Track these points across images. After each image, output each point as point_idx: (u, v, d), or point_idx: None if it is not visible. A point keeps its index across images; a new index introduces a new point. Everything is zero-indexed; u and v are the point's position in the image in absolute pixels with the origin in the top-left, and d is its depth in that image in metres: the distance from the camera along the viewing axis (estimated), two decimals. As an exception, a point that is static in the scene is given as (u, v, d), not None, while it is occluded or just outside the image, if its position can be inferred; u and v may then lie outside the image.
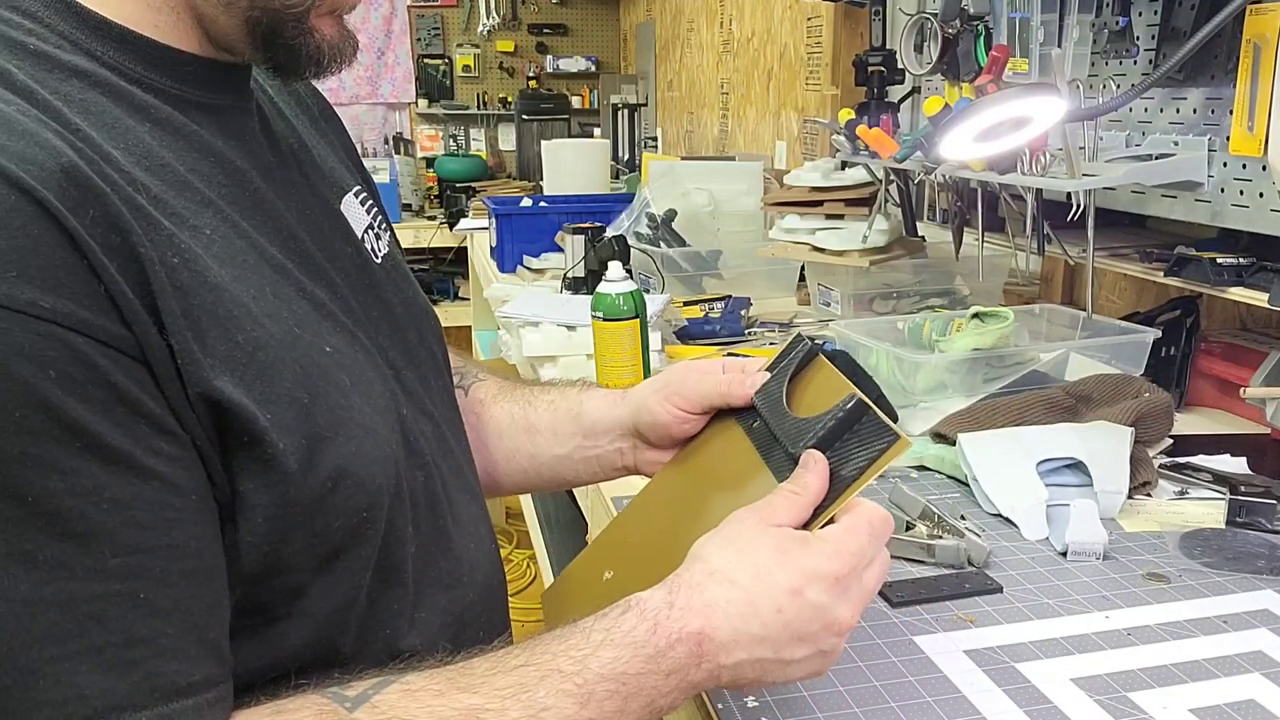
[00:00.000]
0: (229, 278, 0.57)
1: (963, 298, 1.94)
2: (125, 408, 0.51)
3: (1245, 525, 1.05)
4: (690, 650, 0.60)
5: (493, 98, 6.54)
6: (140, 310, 0.52)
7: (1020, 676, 0.80)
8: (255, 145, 0.67)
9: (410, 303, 0.79)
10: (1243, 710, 0.75)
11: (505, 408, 0.94)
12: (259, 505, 0.57)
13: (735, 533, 0.65)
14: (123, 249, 0.51)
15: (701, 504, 0.81)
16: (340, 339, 0.65)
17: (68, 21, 0.58)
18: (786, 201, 2.09)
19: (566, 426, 0.91)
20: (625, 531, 0.87)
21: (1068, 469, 1.12)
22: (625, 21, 6.50)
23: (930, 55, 1.51)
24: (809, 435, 0.70)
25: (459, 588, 0.72)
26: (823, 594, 0.61)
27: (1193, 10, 1.31)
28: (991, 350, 1.38)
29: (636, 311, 1.47)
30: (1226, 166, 1.29)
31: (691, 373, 0.84)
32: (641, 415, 0.86)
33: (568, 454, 0.91)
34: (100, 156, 0.54)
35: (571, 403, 0.92)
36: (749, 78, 3.79)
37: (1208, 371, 1.44)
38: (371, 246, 0.76)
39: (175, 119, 0.61)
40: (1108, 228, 1.61)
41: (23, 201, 0.48)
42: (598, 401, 0.91)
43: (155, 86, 0.61)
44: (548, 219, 2.73)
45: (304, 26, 0.63)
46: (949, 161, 1.51)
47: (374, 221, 0.78)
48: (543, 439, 0.91)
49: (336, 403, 0.61)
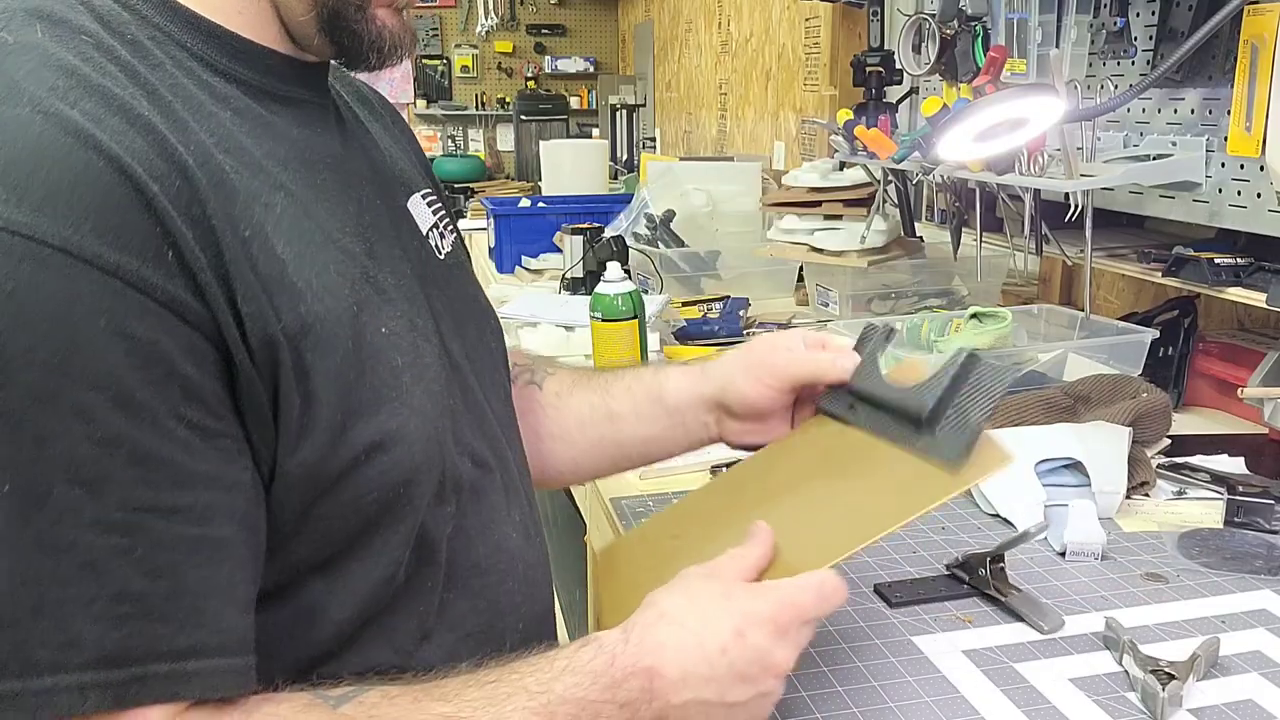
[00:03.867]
0: (293, 254, 0.60)
1: (961, 298, 1.94)
2: (163, 368, 0.53)
3: (1243, 525, 1.05)
4: (643, 685, 0.62)
5: (491, 98, 6.54)
6: (211, 278, 0.55)
7: (1019, 676, 0.80)
8: (329, 139, 0.71)
9: (471, 300, 0.82)
10: (1241, 710, 0.75)
11: (584, 397, 0.96)
12: (289, 469, 0.59)
13: (685, 584, 0.68)
14: (200, 221, 0.55)
15: (804, 479, 0.80)
16: (400, 324, 0.67)
17: (162, 14, 0.62)
18: (785, 202, 2.09)
19: (649, 409, 0.92)
20: (703, 503, 0.88)
21: (1066, 469, 1.12)
22: (624, 22, 6.51)
23: (928, 56, 1.51)
24: (929, 396, 0.71)
25: (495, 574, 0.74)
26: (763, 637, 0.64)
27: (1190, 11, 1.31)
28: (990, 350, 1.38)
29: (635, 312, 1.47)
30: (1224, 167, 1.29)
31: (778, 351, 0.85)
32: (729, 392, 0.87)
33: (656, 435, 0.92)
34: (187, 132, 0.57)
35: (649, 385, 0.93)
36: (747, 78, 3.79)
37: (1206, 372, 1.44)
38: (435, 244, 0.79)
39: (254, 109, 0.64)
40: (1106, 228, 1.61)
41: (110, 168, 0.52)
42: (678, 380, 0.92)
43: (238, 78, 0.64)
44: (546, 220, 2.74)
45: (365, 14, 0.67)
46: (947, 162, 1.51)
47: (439, 221, 0.82)
48: (627, 424, 0.93)
49: (384, 381, 0.64)
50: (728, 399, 0.87)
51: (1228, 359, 1.42)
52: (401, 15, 0.70)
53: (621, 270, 1.50)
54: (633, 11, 6.12)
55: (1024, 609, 0.88)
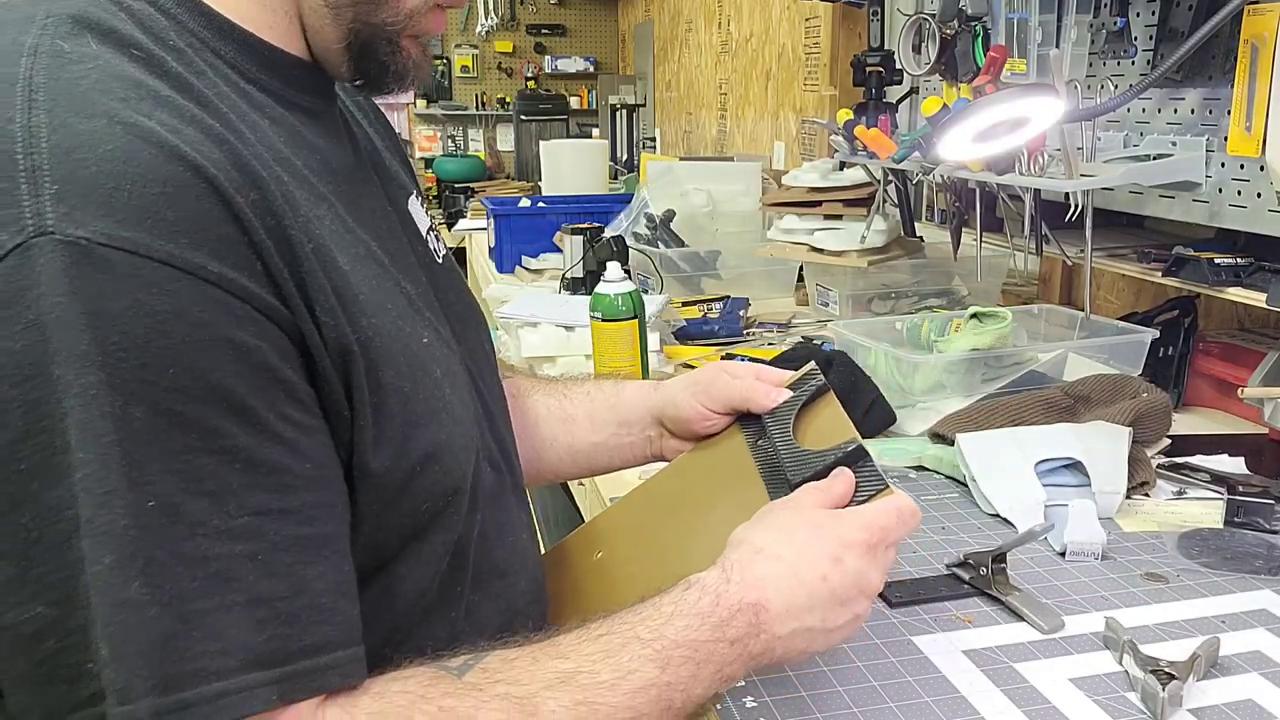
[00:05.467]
0: (350, 267, 0.61)
1: (961, 298, 1.94)
2: (268, 374, 0.54)
3: (1243, 525, 1.05)
4: (749, 620, 0.64)
5: (491, 98, 6.54)
6: (293, 289, 0.56)
7: (1019, 676, 0.80)
8: (343, 148, 0.72)
9: (468, 303, 0.83)
10: (1241, 710, 0.75)
11: (541, 399, 0.98)
12: (361, 479, 0.61)
13: (772, 518, 0.70)
14: (277, 230, 0.56)
15: (697, 505, 0.84)
16: (430, 333, 0.68)
17: (197, 20, 0.62)
18: (785, 202, 2.09)
19: (603, 415, 0.95)
20: (622, 518, 0.91)
21: (1066, 469, 1.12)
22: (624, 22, 6.51)
23: (928, 56, 1.51)
24: (808, 468, 0.75)
25: (512, 575, 0.76)
26: (858, 559, 0.67)
27: (1190, 11, 1.31)
28: (990, 350, 1.39)
29: (635, 312, 1.47)
30: (1224, 167, 1.29)
31: (721, 374, 0.87)
32: (668, 408, 0.90)
33: (603, 441, 0.95)
34: (247, 143, 0.58)
35: (608, 394, 0.96)
36: (747, 78, 3.79)
37: (1206, 371, 1.44)
38: (434, 247, 0.80)
39: (287, 119, 0.65)
40: (1106, 228, 1.61)
41: (196, 179, 0.52)
42: (633, 392, 0.95)
43: (268, 87, 0.65)
44: (546, 219, 2.74)
45: (395, 44, 0.68)
46: (947, 162, 1.51)
47: (433, 224, 0.83)
48: (579, 428, 0.96)
49: (431, 393, 0.65)
50: (667, 415, 0.91)
51: (1228, 359, 1.42)
52: (425, 46, 0.71)
53: (621, 270, 1.50)
54: (633, 11, 6.12)
55: (1024, 609, 0.88)
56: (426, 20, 0.69)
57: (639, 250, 2.25)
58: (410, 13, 0.67)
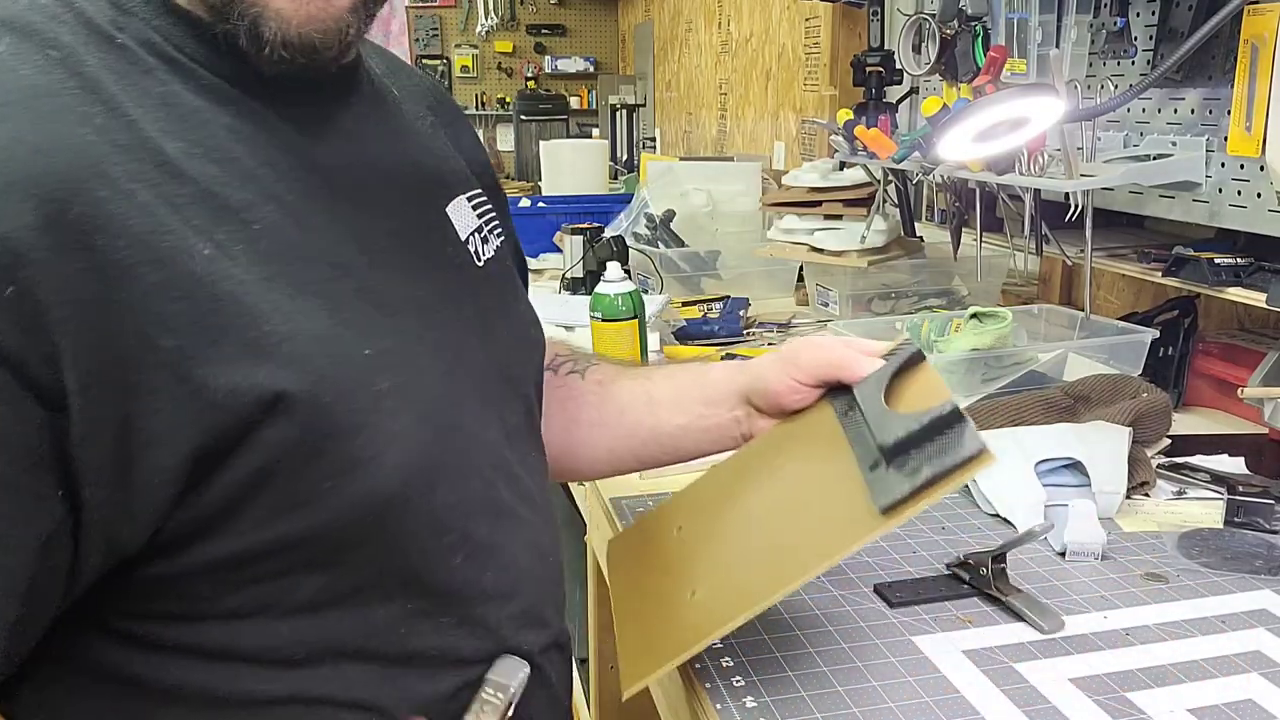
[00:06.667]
0: (262, 274, 0.57)
1: (961, 298, 1.94)
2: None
3: (1243, 525, 1.05)
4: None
5: (491, 98, 6.54)
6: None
7: (1019, 677, 0.80)
8: (343, 143, 0.67)
9: (507, 308, 0.79)
10: (1241, 710, 0.75)
11: (626, 385, 0.95)
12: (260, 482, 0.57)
13: None
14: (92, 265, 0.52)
15: (781, 477, 0.82)
16: (395, 340, 0.64)
17: (162, 17, 0.59)
18: (785, 202, 2.09)
19: (689, 395, 0.92)
20: (704, 492, 0.89)
21: (1066, 469, 1.12)
22: (624, 22, 6.51)
23: (928, 56, 1.51)
24: (901, 429, 0.72)
25: (512, 600, 0.71)
26: None
27: (1190, 11, 1.31)
28: (990, 350, 1.39)
29: (635, 312, 1.47)
30: (1224, 167, 1.29)
31: (809, 345, 0.85)
32: (756, 384, 0.87)
33: (688, 424, 0.92)
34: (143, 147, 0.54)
35: (695, 374, 0.93)
36: (747, 78, 3.79)
37: (1206, 371, 1.44)
38: (476, 250, 0.76)
39: (261, 113, 0.62)
40: (1106, 228, 1.61)
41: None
42: (720, 372, 0.92)
43: (237, 82, 0.61)
44: (546, 219, 2.74)
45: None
46: (947, 162, 1.51)
47: (484, 224, 0.79)
48: (664, 410, 0.92)
49: (362, 404, 0.60)
50: (755, 390, 0.88)
51: (1228, 359, 1.42)
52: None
53: (621, 270, 1.50)
54: (633, 11, 6.12)
55: (1024, 609, 0.88)
56: None
57: (639, 250, 2.25)
58: None
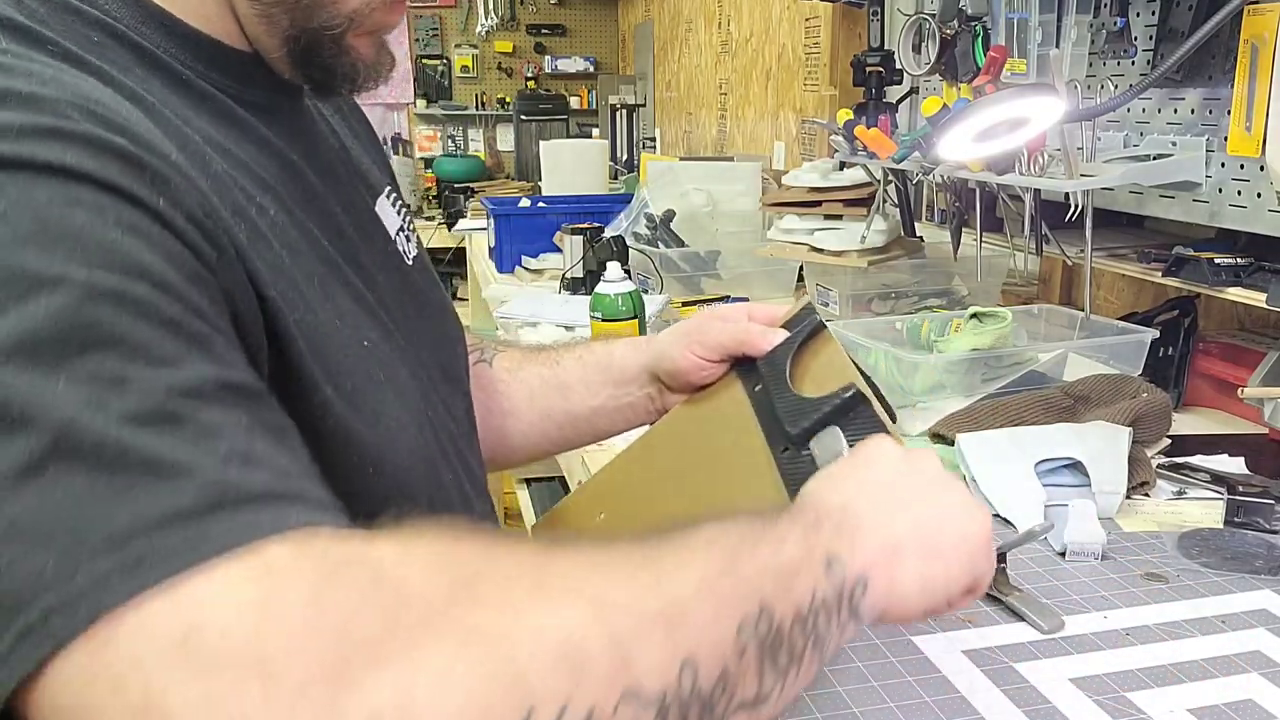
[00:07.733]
0: (287, 259, 0.58)
1: (961, 298, 1.94)
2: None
3: (1243, 525, 1.05)
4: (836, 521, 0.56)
5: (491, 98, 6.54)
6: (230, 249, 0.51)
7: (1019, 676, 0.80)
8: (307, 143, 0.69)
9: (439, 304, 0.81)
10: (1241, 710, 0.75)
11: (533, 370, 0.95)
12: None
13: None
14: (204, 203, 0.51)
15: (698, 461, 0.82)
16: (378, 334, 0.66)
17: (134, 15, 0.59)
18: (785, 202, 2.09)
19: (597, 377, 0.92)
20: (621, 476, 0.89)
21: (1066, 469, 1.12)
22: (624, 22, 6.51)
23: (928, 56, 1.51)
24: (805, 417, 0.72)
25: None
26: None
27: (1190, 11, 1.31)
28: (990, 350, 1.39)
29: (635, 312, 1.48)
30: (1224, 167, 1.29)
31: (713, 320, 0.85)
32: (662, 361, 0.87)
33: (601, 405, 0.92)
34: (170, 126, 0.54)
35: (600, 355, 0.93)
36: (747, 78, 3.79)
37: (1206, 371, 1.44)
38: (403, 248, 0.78)
39: (235, 112, 0.62)
40: (1106, 228, 1.61)
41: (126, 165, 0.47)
42: (624, 350, 0.92)
43: (217, 83, 0.62)
44: (546, 219, 2.74)
45: (341, 46, 0.64)
46: (947, 162, 1.51)
47: (404, 223, 0.80)
48: (576, 394, 0.93)
49: (373, 395, 0.62)
50: (662, 369, 0.88)
51: (1228, 359, 1.42)
52: (382, 42, 0.67)
53: (621, 270, 1.51)
54: (633, 11, 6.12)
55: (1024, 609, 0.88)
56: (378, 15, 0.64)
57: (639, 250, 2.25)
58: (353, 12, 0.62)
